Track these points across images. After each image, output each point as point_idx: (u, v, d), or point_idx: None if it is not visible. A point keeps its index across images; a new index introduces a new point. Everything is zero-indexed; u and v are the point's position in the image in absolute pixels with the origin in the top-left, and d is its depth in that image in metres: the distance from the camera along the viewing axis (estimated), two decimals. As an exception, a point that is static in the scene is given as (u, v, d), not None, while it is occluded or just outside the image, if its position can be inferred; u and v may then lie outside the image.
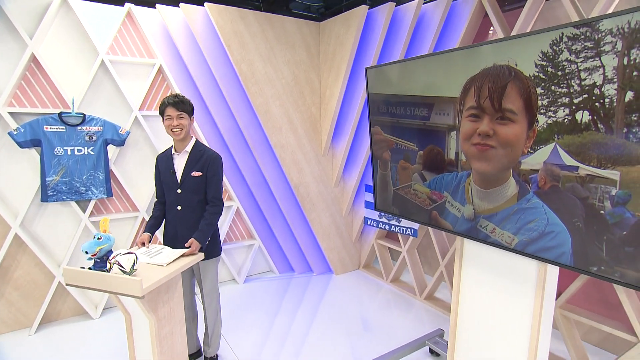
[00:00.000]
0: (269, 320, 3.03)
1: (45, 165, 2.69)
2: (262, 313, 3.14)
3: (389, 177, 2.35)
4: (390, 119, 2.24)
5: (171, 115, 2.05)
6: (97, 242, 1.70)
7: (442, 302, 3.30)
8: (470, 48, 1.73)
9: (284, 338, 2.79)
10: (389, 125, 2.26)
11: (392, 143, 2.27)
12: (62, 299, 2.98)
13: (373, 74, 2.29)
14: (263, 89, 3.20)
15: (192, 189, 2.13)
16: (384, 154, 2.35)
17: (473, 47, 1.72)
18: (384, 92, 2.25)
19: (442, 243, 3.15)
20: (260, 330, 2.89)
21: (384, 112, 2.28)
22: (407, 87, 2.08)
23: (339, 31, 3.23)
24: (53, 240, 2.90)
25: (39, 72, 2.72)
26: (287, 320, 3.05)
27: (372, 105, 2.36)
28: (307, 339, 2.79)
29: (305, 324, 2.99)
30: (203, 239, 2.06)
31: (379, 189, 2.47)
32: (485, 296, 2.01)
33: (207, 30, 3.06)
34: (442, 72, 1.87)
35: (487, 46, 1.65)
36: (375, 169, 2.46)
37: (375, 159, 2.44)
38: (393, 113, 2.21)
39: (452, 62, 1.82)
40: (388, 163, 2.33)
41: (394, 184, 2.33)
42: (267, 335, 2.82)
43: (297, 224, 3.66)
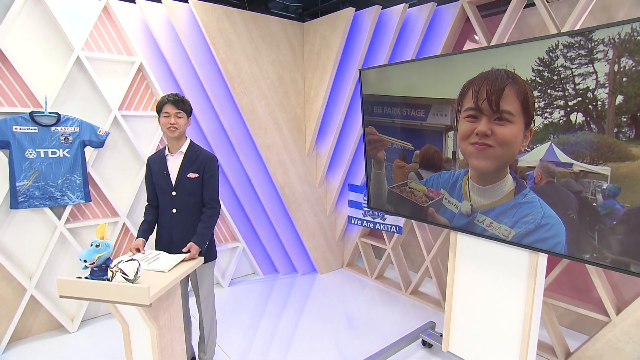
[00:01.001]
0: (257, 323, 3.00)
1: (15, 169, 2.49)
2: (249, 316, 3.10)
3: (384, 176, 2.41)
4: (386, 120, 2.30)
5: (169, 112, 1.98)
6: (96, 249, 1.61)
7: (427, 296, 3.42)
8: (468, 53, 1.82)
9: (271, 340, 2.77)
10: (384, 125, 2.32)
11: (387, 143, 2.33)
12: (33, 314, 2.76)
13: (367, 76, 2.34)
14: (249, 89, 3.15)
15: (188, 191, 2.06)
16: (379, 154, 2.40)
17: (471, 51, 1.81)
18: (378, 93, 2.31)
19: (426, 239, 3.27)
20: (248, 334, 2.84)
21: (378, 113, 2.33)
22: (403, 89, 2.15)
23: (324, 32, 3.25)
24: (22, 251, 2.68)
25: (4, 68, 2.50)
26: (275, 321, 3.03)
27: (366, 106, 2.41)
28: (295, 339, 2.78)
29: (293, 325, 2.99)
30: (202, 242, 2.01)
31: (372, 188, 2.53)
32: (479, 287, 2.12)
33: (191, 27, 2.97)
34: (440, 75, 1.96)
35: (485, 51, 1.75)
36: (369, 168, 2.51)
37: (369, 158, 2.50)
38: (388, 114, 2.27)
39: (449, 66, 1.91)
40: (382, 162, 2.39)
41: (389, 182, 2.39)
42: (255, 338, 2.79)
43: (281, 224, 3.64)
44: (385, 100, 2.26)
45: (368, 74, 2.33)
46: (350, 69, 3.26)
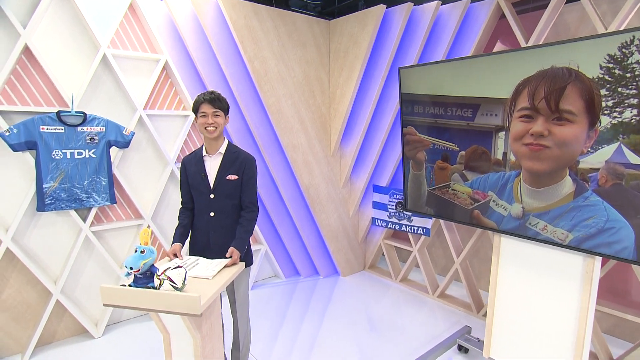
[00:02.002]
0: (278, 327, 2.94)
1: (42, 171, 2.41)
2: (270, 320, 3.03)
3: (423, 178, 2.34)
4: (427, 120, 2.22)
5: (206, 112, 1.90)
6: (141, 256, 1.53)
7: (456, 299, 3.35)
8: (525, 50, 1.75)
9: (293, 344, 2.71)
10: (425, 125, 2.25)
11: (428, 143, 2.26)
12: (57, 318, 2.69)
13: (408, 75, 2.27)
14: (275, 88, 3.08)
15: (227, 193, 1.99)
16: (418, 155, 2.33)
17: (528, 49, 1.73)
18: (420, 92, 2.23)
19: (455, 242, 3.20)
20: (270, 338, 2.79)
21: (419, 113, 2.26)
22: (449, 88, 2.08)
23: (352, 30, 3.17)
24: (48, 254, 2.60)
25: (31, 66, 2.43)
26: (297, 325, 2.97)
27: (405, 106, 2.33)
28: (318, 343, 2.72)
29: (316, 328, 2.93)
30: (242, 247, 1.93)
31: (410, 189, 2.45)
32: (524, 291, 2.05)
33: (218, 24, 2.89)
34: (491, 73, 1.88)
35: (544, 48, 1.67)
36: (407, 169, 2.44)
37: (407, 159, 2.42)
38: (431, 113, 2.20)
39: (502, 64, 1.83)
40: (423, 163, 2.32)
41: (429, 184, 2.32)
42: (276, 342, 2.73)
43: (305, 226, 3.57)
44: (428, 99, 2.19)
45: (409, 72, 2.26)
46: (379, 68, 3.18)
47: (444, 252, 3.86)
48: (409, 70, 2.26)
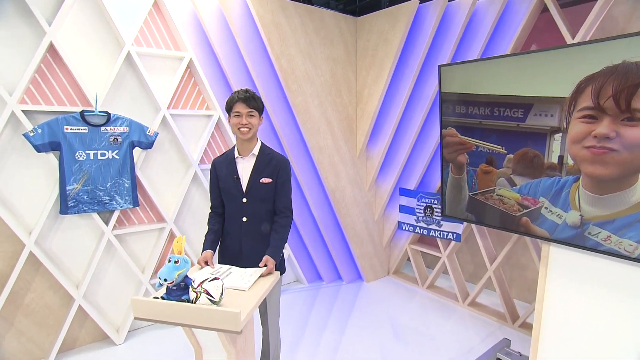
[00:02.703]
0: (301, 334, 2.84)
1: (66, 172, 2.34)
2: (293, 326, 2.93)
3: (464, 182, 2.20)
4: (470, 121, 2.09)
5: (240, 112, 1.79)
6: (175, 266, 1.42)
7: (488, 308, 3.20)
8: (589, 44, 1.60)
9: (316, 351, 2.61)
10: (467, 126, 2.11)
11: (470, 146, 2.12)
12: (79, 324, 2.62)
13: (449, 73, 2.13)
14: (302, 87, 2.96)
15: (260, 197, 1.87)
16: (459, 157, 2.19)
17: (593, 43, 1.59)
18: (462, 91, 2.09)
19: (488, 248, 3.05)
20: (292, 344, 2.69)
21: (461, 113, 2.12)
22: (496, 87, 1.94)
23: (382, 27, 3.04)
24: (70, 258, 2.53)
25: (55, 65, 2.36)
26: (320, 332, 2.86)
27: (445, 106, 2.20)
28: (341, 350, 2.62)
29: (339, 335, 2.82)
30: (278, 255, 1.82)
31: (449, 194, 2.31)
32: (579, 307, 1.90)
33: (244, 21, 2.79)
34: (547, 70, 1.73)
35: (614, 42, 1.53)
36: (446, 173, 2.30)
37: (446, 162, 2.28)
38: (474, 114, 2.06)
39: (560, 60, 1.69)
40: (464, 167, 2.18)
41: (470, 189, 2.18)
42: (298, 349, 2.63)
43: (329, 230, 3.45)
44: (471, 99, 2.05)
45: (450, 70, 2.12)
46: (410, 66, 3.05)
47: (472, 259, 3.71)
48: (450, 68, 2.12)
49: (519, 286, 3.33)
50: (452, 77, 2.12)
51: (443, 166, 2.31)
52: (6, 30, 2.19)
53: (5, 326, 2.37)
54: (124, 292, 2.74)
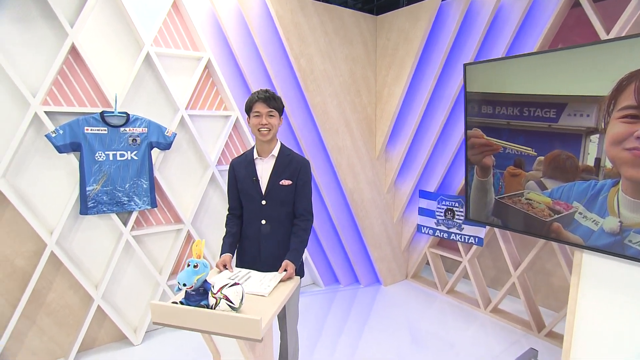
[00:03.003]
0: (317, 337, 2.79)
1: (86, 173, 2.35)
2: (309, 329, 2.88)
3: (490, 185, 2.11)
4: (498, 121, 2.00)
5: (260, 112, 1.75)
6: (194, 271, 1.39)
7: (511, 315, 3.08)
8: (630, 39, 1.50)
9: (332, 355, 2.56)
10: (494, 127, 2.02)
11: (497, 147, 2.03)
12: (98, 324, 2.63)
13: (475, 71, 2.05)
14: (321, 87, 2.92)
15: (280, 199, 1.83)
16: (485, 160, 2.10)
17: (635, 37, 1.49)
18: (489, 90, 2.01)
19: (512, 253, 2.94)
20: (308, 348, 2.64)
21: (487, 114, 2.03)
22: (526, 86, 1.85)
23: (402, 25, 2.97)
24: (89, 259, 2.54)
25: (76, 66, 2.37)
26: (336, 336, 2.81)
27: (470, 106, 2.11)
28: (358, 355, 2.57)
29: (356, 339, 2.77)
30: (298, 259, 1.77)
31: (473, 197, 2.23)
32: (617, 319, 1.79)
33: (263, 20, 2.76)
34: (583, 68, 1.64)
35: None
36: (470, 176, 2.22)
37: (470, 164, 2.20)
38: (502, 114, 1.97)
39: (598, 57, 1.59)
40: (490, 169, 2.09)
41: (497, 192, 2.09)
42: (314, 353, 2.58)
43: (347, 233, 3.40)
44: (499, 98, 1.96)
45: (476, 69, 2.04)
46: (431, 65, 2.96)
47: (494, 263, 3.59)
48: (476, 67, 2.04)
49: (544, 293, 3.21)
50: (478, 76, 2.04)
51: (467, 168, 2.22)
52: (30, 33, 2.21)
53: (27, 324, 2.40)
54: (142, 292, 2.75)
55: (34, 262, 2.35)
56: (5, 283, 2.32)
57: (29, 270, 2.35)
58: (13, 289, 2.33)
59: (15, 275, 2.34)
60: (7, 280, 2.32)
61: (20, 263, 2.35)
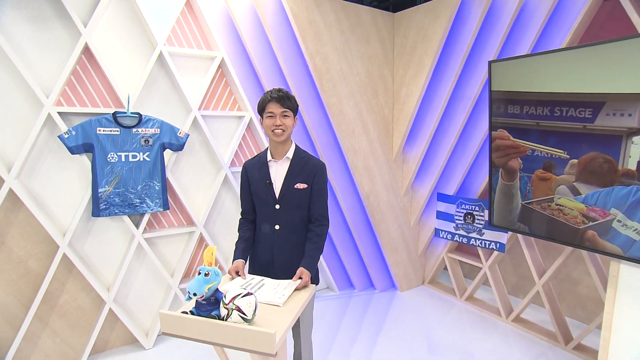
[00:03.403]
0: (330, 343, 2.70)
1: (98, 174, 2.31)
2: (322, 335, 2.80)
3: (516, 189, 1.99)
4: (526, 122, 1.88)
5: (274, 112, 1.68)
6: (205, 279, 1.32)
7: (535, 325, 2.94)
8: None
9: None
10: (522, 128, 1.90)
11: (524, 149, 1.91)
12: (110, 327, 2.60)
13: (501, 69, 1.93)
14: (337, 87, 2.83)
15: (295, 204, 1.75)
16: (511, 162, 1.98)
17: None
18: (516, 89, 1.89)
19: (536, 260, 2.79)
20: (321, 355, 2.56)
21: (514, 114, 1.92)
22: (558, 84, 1.72)
23: (421, 23, 2.86)
24: (101, 261, 2.52)
25: (90, 66, 2.34)
26: (350, 342, 2.73)
27: (496, 105, 2.00)
28: None
29: (370, 346, 2.68)
30: (313, 266, 1.70)
31: (498, 202, 2.11)
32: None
33: (277, 18, 2.69)
34: (623, 63, 1.51)
35: None
36: (495, 179, 2.10)
37: (495, 167, 2.08)
38: (531, 114, 1.85)
39: None
40: (516, 173, 1.97)
41: (524, 197, 1.97)
42: None
43: (362, 236, 3.30)
44: (527, 97, 1.84)
45: (502, 67, 1.92)
46: (452, 64, 2.85)
47: (515, 270, 3.44)
48: (502, 65, 1.92)
49: (570, 302, 3.05)
50: (505, 74, 1.92)
51: (492, 172, 2.10)
52: (44, 33, 2.19)
53: (40, 326, 2.39)
54: (154, 295, 2.71)
55: (47, 263, 2.34)
56: (18, 284, 2.31)
57: (42, 272, 2.33)
58: (26, 290, 2.32)
59: (28, 276, 2.32)
60: (20, 281, 2.31)
61: (33, 264, 2.33)
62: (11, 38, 2.12)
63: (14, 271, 2.28)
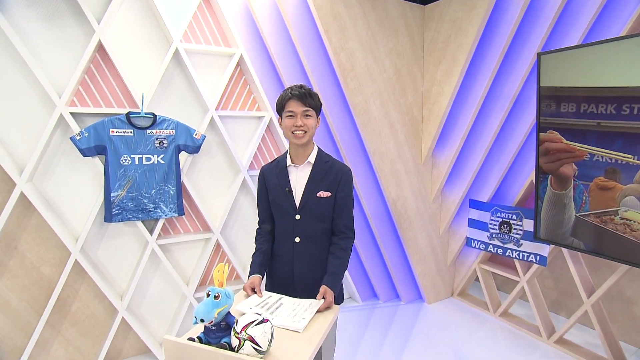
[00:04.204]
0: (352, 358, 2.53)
1: (110, 178, 2.21)
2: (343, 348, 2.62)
3: (570, 199, 1.74)
4: (583, 122, 1.63)
5: (294, 111, 1.50)
6: (214, 303, 1.15)
7: (581, 348, 2.65)
8: None
9: None
10: (578, 129, 1.65)
11: (582, 154, 1.66)
12: (123, 335, 2.51)
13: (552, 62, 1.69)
14: (363, 85, 2.64)
15: (317, 214, 1.57)
16: (564, 169, 1.74)
17: None
18: (571, 85, 1.64)
19: (583, 276, 2.51)
20: None
21: (569, 113, 1.67)
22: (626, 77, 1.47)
23: (455, 15, 2.63)
24: (114, 268, 2.42)
25: (104, 64, 2.25)
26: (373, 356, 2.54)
27: (546, 104, 1.76)
28: None
29: None
30: (337, 285, 1.51)
31: (546, 213, 1.86)
32: None
33: (299, 12, 2.53)
34: None
35: None
36: (543, 187, 1.85)
37: (543, 173, 1.84)
38: (591, 113, 1.60)
39: None
40: (570, 180, 1.72)
41: (578, 208, 1.71)
42: None
43: (388, 245, 3.10)
44: (586, 93, 1.59)
45: (553, 59, 1.68)
46: (488, 59, 2.60)
47: (555, 284, 3.15)
48: (554, 57, 1.68)
49: (624, 325, 2.74)
50: (557, 68, 1.68)
51: (538, 178, 1.86)
52: (58, 31, 2.12)
53: (53, 333, 2.31)
54: (168, 304, 2.60)
55: (60, 269, 2.26)
56: (31, 291, 2.24)
57: (55, 278, 2.26)
58: (39, 297, 2.25)
59: (41, 282, 2.26)
60: (33, 288, 2.24)
61: (47, 270, 2.26)
62: (24, 36, 2.04)
63: (27, 277, 2.22)
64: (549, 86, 1.73)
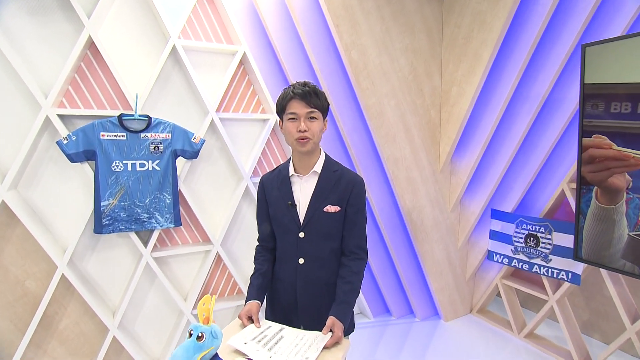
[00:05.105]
0: None
1: (101, 185, 2.03)
2: None
3: (621, 215, 1.50)
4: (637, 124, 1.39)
5: (297, 113, 1.29)
6: (197, 345, 0.95)
7: (620, 378, 2.37)
8: None
9: None
10: (633, 133, 1.41)
11: (637, 162, 1.42)
12: (115, 355, 2.32)
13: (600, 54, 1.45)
14: (376, 85, 2.43)
15: (324, 231, 1.36)
16: (614, 179, 1.49)
17: None
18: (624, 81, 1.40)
19: (626, 299, 2.24)
20: None
21: (621, 114, 1.43)
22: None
23: (478, 7, 2.40)
24: (106, 282, 2.25)
25: (96, 63, 2.08)
26: None
27: (591, 104, 1.52)
28: None
29: None
30: (347, 315, 1.29)
31: (591, 230, 1.62)
32: None
33: (308, 5, 2.34)
34: None
35: None
36: (585, 200, 1.61)
37: (586, 184, 1.59)
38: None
39: None
40: (621, 193, 1.47)
41: (632, 227, 1.47)
42: None
43: (402, 258, 2.88)
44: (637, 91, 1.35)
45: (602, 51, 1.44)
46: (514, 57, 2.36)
47: (587, 303, 2.87)
48: (602, 48, 1.44)
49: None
50: (607, 61, 1.44)
51: (580, 190, 1.62)
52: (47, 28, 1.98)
53: (38, 353, 2.15)
54: (164, 322, 2.42)
55: (47, 284, 2.09)
56: (15, 307, 2.08)
57: (41, 294, 2.09)
58: (24, 314, 2.09)
59: (26, 298, 2.10)
60: (17, 304, 2.08)
61: (32, 285, 2.10)
62: (8, 31, 1.90)
63: (10, 293, 2.06)
64: (596, 83, 1.49)
